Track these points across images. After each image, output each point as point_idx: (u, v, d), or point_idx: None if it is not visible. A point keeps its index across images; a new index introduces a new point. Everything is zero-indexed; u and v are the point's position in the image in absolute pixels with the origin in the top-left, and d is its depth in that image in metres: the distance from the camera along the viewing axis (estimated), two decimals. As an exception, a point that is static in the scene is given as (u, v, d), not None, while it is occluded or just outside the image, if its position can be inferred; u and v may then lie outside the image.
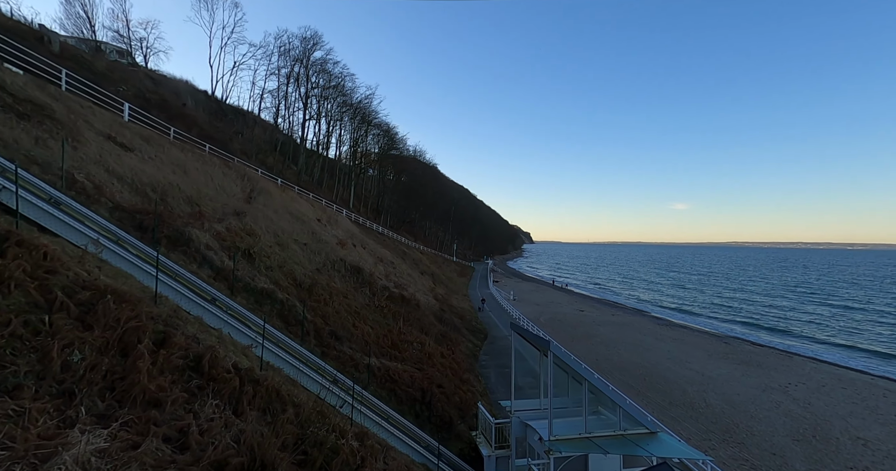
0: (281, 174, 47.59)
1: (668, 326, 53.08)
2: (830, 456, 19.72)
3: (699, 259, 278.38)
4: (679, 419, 23.64)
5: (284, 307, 15.04)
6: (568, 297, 78.45)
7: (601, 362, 33.91)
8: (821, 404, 26.13)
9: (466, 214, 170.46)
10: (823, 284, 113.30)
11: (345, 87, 65.94)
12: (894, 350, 43.74)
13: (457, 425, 14.02)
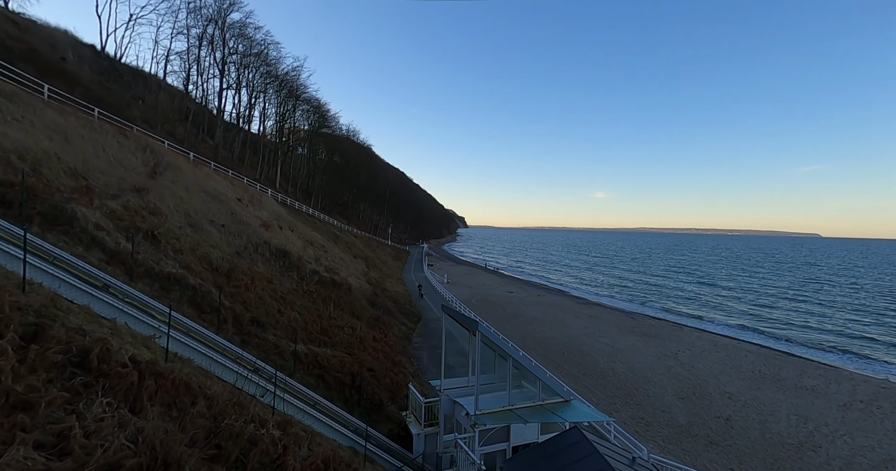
0: (194, 148, 42.64)
1: (585, 305, 58.25)
2: (705, 409, 23.44)
3: (614, 243, 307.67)
4: (591, 388, 26.29)
5: (197, 294, 13.68)
6: (499, 279, 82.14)
7: (527, 340, 36.27)
8: (701, 367, 30.76)
9: (402, 197, 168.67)
10: (707, 264, 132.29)
11: (268, 56, 60.22)
12: (754, 320, 52.84)
13: (387, 406, 14.11)
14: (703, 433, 20.59)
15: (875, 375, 32.24)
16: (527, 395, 13.80)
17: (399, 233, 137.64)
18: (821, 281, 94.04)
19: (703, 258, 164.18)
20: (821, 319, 53.05)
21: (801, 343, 42.13)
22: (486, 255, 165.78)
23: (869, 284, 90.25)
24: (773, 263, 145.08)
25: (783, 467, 17.70)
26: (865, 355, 37.98)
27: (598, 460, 9.65)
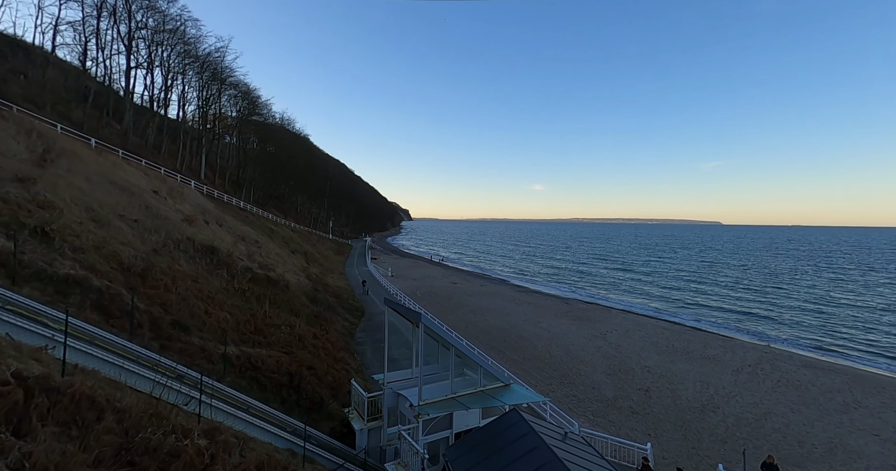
0: (96, 133, 37.53)
1: (525, 293, 61.08)
2: (628, 382, 25.88)
3: (550, 234, 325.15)
4: (530, 371, 27.75)
5: (104, 297, 12.13)
6: (443, 271, 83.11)
7: (470, 329, 37.24)
8: (626, 345, 33.81)
9: (343, 189, 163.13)
10: (629, 252, 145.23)
11: (186, 33, 54.33)
12: (666, 301, 59.20)
13: (329, 404, 13.73)
14: (627, 405, 22.73)
15: (760, 342, 37.78)
16: (469, 382, 14.20)
17: (341, 226, 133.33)
18: (719, 264, 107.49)
19: (625, 246, 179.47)
20: (719, 297, 60.80)
21: (706, 319, 48.02)
22: (430, 247, 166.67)
23: (755, 265, 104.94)
24: (683, 249, 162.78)
25: (689, 428, 20.15)
26: (753, 326, 44.31)
27: (534, 437, 10.25)
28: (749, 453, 16.31)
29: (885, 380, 27.57)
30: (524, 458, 9.78)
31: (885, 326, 43.61)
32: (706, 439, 19.12)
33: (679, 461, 17.08)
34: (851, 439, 19.03)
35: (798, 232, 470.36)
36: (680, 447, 18.38)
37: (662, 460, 16.84)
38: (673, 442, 18.84)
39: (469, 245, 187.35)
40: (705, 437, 19.28)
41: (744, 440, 18.64)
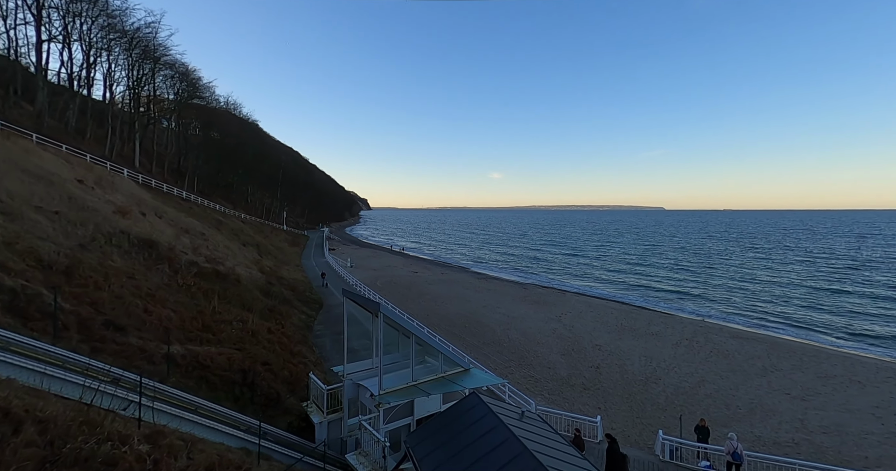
0: (1, 114, 33.08)
1: (485, 280, 62.39)
2: (581, 361, 27.41)
3: (508, 221, 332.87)
4: (490, 355, 28.55)
5: (20, 298, 10.86)
6: (403, 260, 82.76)
7: (431, 316, 37.54)
8: (579, 326, 35.67)
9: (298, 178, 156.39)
10: (582, 237, 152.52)
11: (109, 5, 48.68)
12: (615, 281, 63.04)
13: (286, 399, 13.34)
14: (579, 382, 24.11)
15: (696, 317, 41.35)
16: (430, 369, 14.36)
17: (296, 217, 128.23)
18: (661, 246, 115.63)
19: (577, 232, 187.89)
20: (660, 278, 65.61)
21: (650, 298, 51.67)
22: (390, 237, 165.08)
23: (692, 247, 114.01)
24: (629, 234, 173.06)
25: (635, 399, 21.78)
26: (690, 303, 48.34)
27: (492, 418, 10.60)
28: (685, 418, 17.93)
29: (795, 345, 31.24)
30: (483, 438, 10.11)
31: (795, 299, 49.23)
32: (649, 408, 20.77)
33: (625, 430, 18.46)
34: (768, 399, 21.47)
35: (732, 216, 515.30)
36: (626, 418, 19.84)
37: (611, 430, 18.08)
38: (620, 413, 20.29)
39: (429, 234, 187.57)
40: (648, 406, 20.93)
41: (681, 407, 20.45)
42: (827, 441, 17.43)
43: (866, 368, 25.82)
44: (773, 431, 18.40)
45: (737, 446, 12.61)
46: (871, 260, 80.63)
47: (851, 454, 16.42)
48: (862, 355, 29.71)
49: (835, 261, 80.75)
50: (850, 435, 17.93)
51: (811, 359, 27.34)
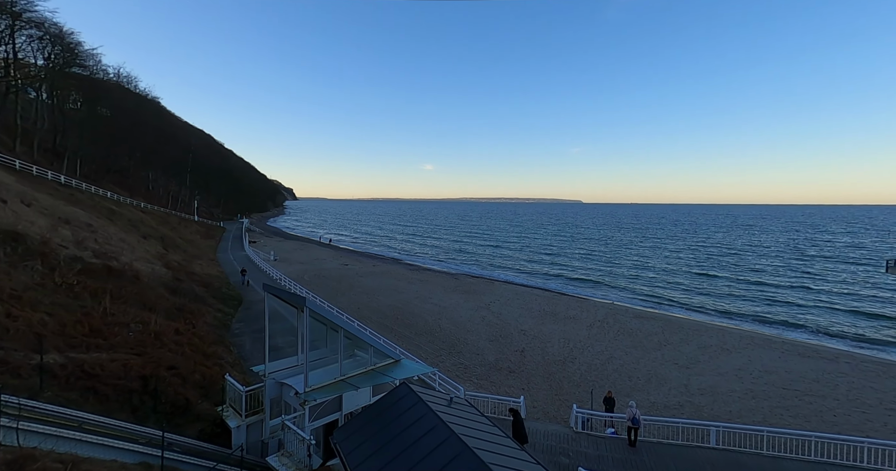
0: None
1: (417, 271, 62.63)
2: (507, 346, 28.97)
3: (441, 213, 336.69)
4: (421, 345, 28.86)
5: None
6: (333, 253, 79.71)
7: (362, 310, 36.80)
8: (506, 313, 37.56)
9: (211, 164, 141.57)
10: (508, 229, 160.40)
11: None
12: (538, 270, 67.51)
13: (197, 405, 12.14)
14: (506, 366, 25.48)
15: (607, 301, 45.93)
16: (360, 362, 14.11)
17: (210, 207, 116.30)
18: (578, 237, 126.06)
19: (503, 224, 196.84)
20: (577, 266, 71.67)
21: (568, 285, 56.19)
22: (319, 228, 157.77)
23: (603, 238, 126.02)
24: (551, 225, 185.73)
25: (554, 378, 23.65)
26: (602, 288, 53.57)
27: (422, 406, 10.76)
28: (595, 392, 19.93)
29: (683, 322, 36.29)
30: (413, 426, 10.24)
31: (683, 282, 57.09)
32: (566, 385, 22.70)
33: (545, 407, 19.98)
34: (661, 369, 24.73)
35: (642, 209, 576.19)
36: (546, 395, 21.47)
37: (533, 408, 19.46)
38: (541, 392, 21.89)
39: (361, 225, 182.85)
40: (565, 384, 22.87)
41: (593, 382, 22.67)
42: (703, 401, 20.62)
43: (733, 337, 30.92)
44: (664, 396, 21.26)
45: (636, 412, 14.35)
46: (743, 249, 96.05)
47: (721, 410, 19.63)
48: (730, 327, 35.49)
49: (713, 248, 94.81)
50: (720, 394, 21.40)
51: (694, 333, 31.97)
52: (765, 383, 22.71)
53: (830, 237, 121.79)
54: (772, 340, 30.89)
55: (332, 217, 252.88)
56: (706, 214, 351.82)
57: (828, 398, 20.80)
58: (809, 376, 23.45)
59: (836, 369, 24.50)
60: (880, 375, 23.76)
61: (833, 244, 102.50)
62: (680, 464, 13.12)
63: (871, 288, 51.78)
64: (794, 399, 20.73)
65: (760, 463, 12.92)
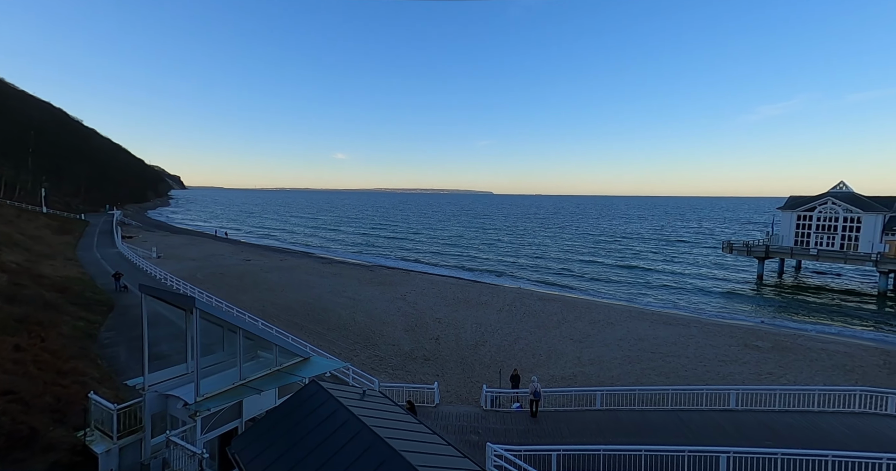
0: None
1: (329, 264, 59.97)
2: (423, 335, 29.47)
3: (354, 203, 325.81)
4: (335, 340, 27.86)
5: None
6: (233, 247, 72.15)
7: (268, 307, 34.11)
8: (422, 303, 38.08)
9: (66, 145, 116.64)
10: (417, 219, 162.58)
11: None
12: (451, 259, 69.85)
13: (46, 434, 10.05)
14: (421, 354, 25.93)
15: (515, 285, 49.40)
16: (263, 364, 13.13)
17: (66, 197, 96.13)
18: (488, 228, 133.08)
19: (420, 215, 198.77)
20: (487, 254, 75.75)
21: (481, 272, 59.10)
22: (215, 221, 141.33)
23: (509, 227, 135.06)
24: (463, 216, 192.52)
25: (467, 362, 24.80)
26: (510, 274, 57.49)
27: (332, 403, 10.42)
28: (503, 371, 21.40)
29: (578, 301, 40.82)
30: (323, 424, 9.88)
31: (576, 266, 64.13)
32: (477, 367, 23.97)
33: (459, 391, 20.88)
34: (559, 345, 27.55)
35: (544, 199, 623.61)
36: (460, 379, 22.43)
37: (447, 393, 20.17)
38: (455, 377, 22.79)
39: (267, 217, 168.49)
40: (477, 366, 24.14)
41: (501, 362, 24.28)
42: (592, 370, 23.55)
43: (616, 312, 35.73)
44: (561, 369, 23.77)
45: (537, 386, 15.80)
46: (623, 235, 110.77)
47: (605, 376, 22.64)
48: (614, 304, 40.94)
49: (601, 236, 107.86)
50: (605, 362, 24.66)
51: (586, 310, 36.17)
52: (639, 349, 26.74)
53: (690, 225, 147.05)
54: (644, 313, 36.42)
55: (230, 208, 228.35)
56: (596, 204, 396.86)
57: (681, 357, 25.33)
58: (670, 340, 28.25)
59: (689, 333, 29.91)
60: (718, 334, 29.65)
61: (690, 231, 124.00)
62: (572, 427, 14.84)
63: (712, 266, 64.01)
64: (658, 360, 24.82)
65: (632, 417, 15.25)
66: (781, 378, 21.92)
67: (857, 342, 29.31)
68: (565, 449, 12.03)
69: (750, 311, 40.18)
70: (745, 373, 22.78)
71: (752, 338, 28.78)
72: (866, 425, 13.35)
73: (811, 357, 25.21)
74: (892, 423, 13.51)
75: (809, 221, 51.62)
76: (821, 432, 13.05)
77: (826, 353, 25.93)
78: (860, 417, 14.04)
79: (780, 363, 24.24)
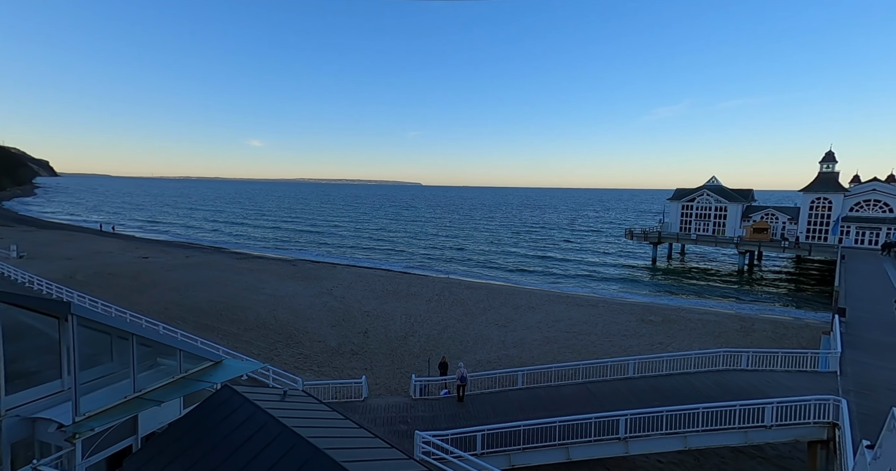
0: None
1: (247, 259, 55.29)
2: (351, 329, 28.75)
3: (272, 194, 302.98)
4: (253, 340, 25.93)
5: None
6: (124, 244, 62.79)
7: (172, 309, 30.55)
8: (349, 296, 37.00)
9: None
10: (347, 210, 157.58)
11: None
12: (377, 251, 68.97)
13: None
14: (349, 349, 25.30)
15: (443, 275, 50.33)
16: (164, 372, 11.75)
17: None
18: (419, 219, 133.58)
19: (345, 206, 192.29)
20: (415, 245, 76.10)
21: (410, 262, 59.15)
22: (99, 213, 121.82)
23: (436, 219, 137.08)
24: (390, 207, 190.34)
25: (396, 353, 24.80)
26: (439, 264, 58.43)
27: (248, 407, 9.72)
28: (432, 360, 21.81)
29: (503, 288, 42.97)
30: (238, 430, 9.20)
31: (500, 254, 67.44)
32: (407, 358, 24.11)
33: (388, 382, 20.84)
34: (485, 330, 28.84)
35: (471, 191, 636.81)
36: (389, 371, 22.37)
37: (375, 386, 20.00)
38: (384, 369, 22.66)
39: (169, 209, 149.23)
40: (406, 357, 24.26)
41: (430, 351, 24.70)
42: (516, 353, 25.09)
43: (537, 297, 38.38)
44: (487, 353, 24.94)
45: (464, 371, 16.38)
46: (543, 226, 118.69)
47: (527, 356, 24.29)
48: (535, 289, 43.88)
49: (520, 226, 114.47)
50: (526, 344, 26.43)
51: (510, 296, 38.26)
52: (556, 330, 29.09)
53: (600, 215, 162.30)
54: (560, 296, 39.66)
55: (122, 199, 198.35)
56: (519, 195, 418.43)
57: (591, 334, 28.15)
58: (582, 320, 31.18)
59: (597, 313, 33.28)
60: (620, 312, 33.44)
61: (599, 220, 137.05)
62: (497, 407, 15.70)
63: (616, 251, 71.71)
64: (573, 339, 27.28)
65: (549, 392, 16.61)
66: (668, 346, 25.50)
67: (723, 312, 35.19)
68: (489, 429, 12.71)
69: (646, 290, 45.90)
70: (641, 344, 26.05)
71: (647, 313, 32.98)
72: (727, 380, 16.16)
73: (690, 327, 29.68)
74: (744, 375, 16.53)
75: (691, 210, 60.22)
76: (695, 389, 15.49)
77: (701, 323, 30.73)
78: (723, 373, 16.94)
79: (668, 334, 28.17)
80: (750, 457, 14.81)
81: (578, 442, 12.66)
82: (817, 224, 51.48)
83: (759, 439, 12.84)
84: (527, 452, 12.77)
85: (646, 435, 12.62)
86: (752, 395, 13.76)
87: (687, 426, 12.55)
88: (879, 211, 48.41)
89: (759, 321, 31.70)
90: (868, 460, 8.49)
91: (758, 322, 31.35)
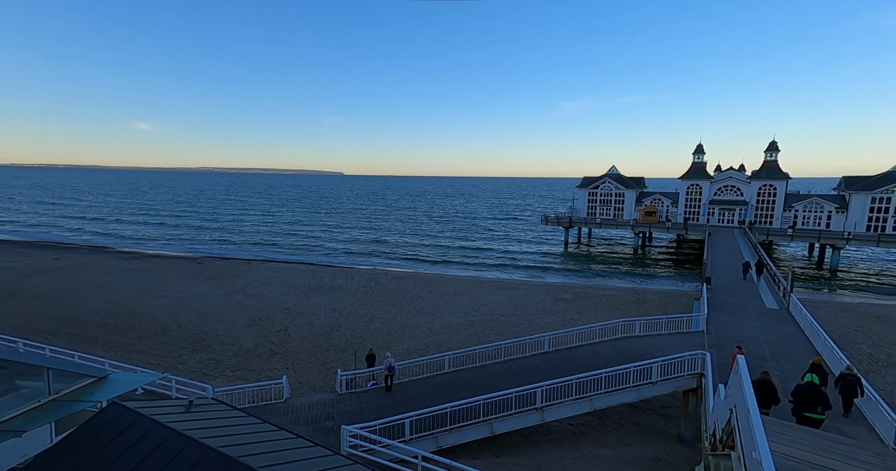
0: None
1: (139, 259, 48.32)
2: (269, 328, 26.89)
3: (165, 185, 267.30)
4: (150, 349, 22.95)
5: None
6: (-37, 246, 50.62)
7: (36, 322, 25.65)
8: (267, 293, 34.46)
9: None
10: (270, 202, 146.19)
11: None
12: (300, 244, 65.34)
13: None
14: (267, 349, 23.68)
15: (369, 267, 49.31)
16: (28, 395, 9.88)
17: None
18: (340, 209, 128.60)
19: (258, 197, 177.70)
20: (339, 236, 73.47)
21: (332, 255, 56.86)
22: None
23: (361, 209, 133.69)
24: (307, 198, 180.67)
25: (320, 349, 23.85)
26: (364, 256, 57.13)
27: (144, 423, 8.60)
28: (359, 353, 21.40)
29: (430, 277, 43.52)
30: (131, 451, 8.09)
31: (425, 243, 68.20)
32: (332, 353, 23.32)
33: (312, 380, 20.00)
34: (413, 319, 29.06)
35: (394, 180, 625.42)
36: (313, 368, 21.45)
37: (298, 384, 19.08)
38: (308, 366, 21.67)
39: (25, 203, 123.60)
40: (332, 352, 23.47)
41: (357, 344, 24.18)
42: (443, 338, 25.72)
43: (462, 283, 39.61)
44: (415, 341, 25.19)
45: (391, 361, 16.34)
46: (466, 217, 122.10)
47: (453, 341, 25.04)
48: (461, 276, 45.22)
49: (443, 214, 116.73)
50: (453, 329, 27.22)
51: (437, 284, 38.93)
52: (480, 313, 30.39)
53: (517, 202, 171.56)
54: (484, 281, 41.42)
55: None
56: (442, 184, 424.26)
57: (513, 316, 29.97)
58: (504, 302, 32.99)
59: (518, 294, 35.48)
60: (537, 293, 36.06)
61: (518, 207, 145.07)
62: (425, 393, 16.00)
63: (533, 236, 76.88)
64: (496, 321, 28.77)
65: (474, 373, 17.38)
66: (578, 321, 28.20)
67: (622, 287, 39.90)
68: (417, 414, 12.91)
69: (559, 271, 50.03)
70: (555, 321, 28.44)
71: (561, 292, 36.04)
72: (624, 345, 18.49)
73: (596, 302, 33.16)
74: (637, 341, 19.06)
75: (596, 197, 66.72)
76: (599, 356, 17.44)
77: (605, 298, 34.50)
78: (621, 340, 19.32)
79: (578, 310, 31.14)
80: (641, 410, 17.19)
81: (501, 416, 13.50)
82: (693, 207, 60.71)
83: (648, 394, 14.95)
84: (453, 432, 13.27)
85: (559, 402, 13.91)
86: (643, 357, 15.88)
87: (592, 390, 14.11)
88: (734, 195, 58.63)
89: (650, 293, 36.56)
90: (722, 398, 10.37)
91: (649, 294, 36.13)
